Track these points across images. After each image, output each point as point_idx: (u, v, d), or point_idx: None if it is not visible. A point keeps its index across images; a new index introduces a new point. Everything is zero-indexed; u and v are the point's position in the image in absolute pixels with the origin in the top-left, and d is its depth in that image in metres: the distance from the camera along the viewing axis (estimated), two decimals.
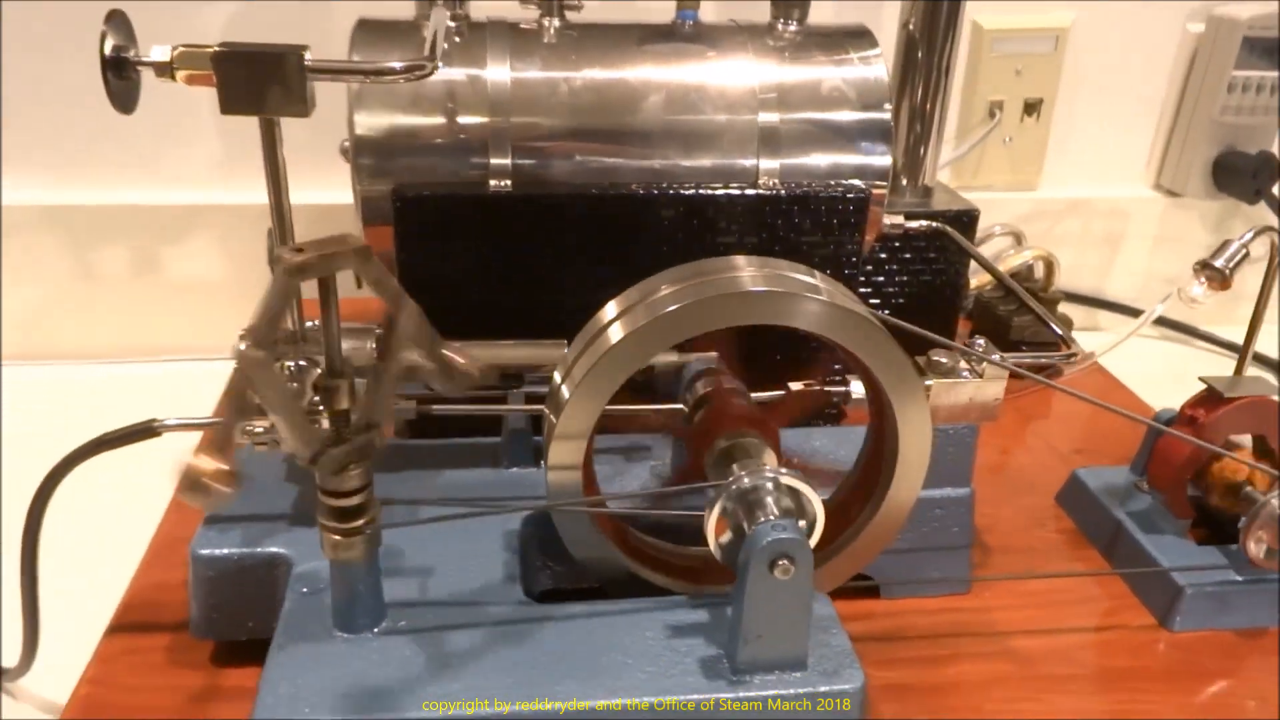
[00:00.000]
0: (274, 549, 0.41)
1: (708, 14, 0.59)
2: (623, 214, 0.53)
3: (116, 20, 0.37)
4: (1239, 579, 0.47)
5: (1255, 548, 0.46)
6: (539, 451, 0.48)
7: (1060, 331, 0.49)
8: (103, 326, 0.77)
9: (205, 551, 0.40)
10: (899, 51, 0.66)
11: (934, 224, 0.61)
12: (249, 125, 0.73)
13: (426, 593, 0.39)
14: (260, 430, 0.40)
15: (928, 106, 0.66)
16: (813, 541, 0.36)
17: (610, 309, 0.39)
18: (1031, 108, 0.84)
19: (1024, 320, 0.70)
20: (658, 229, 0.53)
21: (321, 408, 0.33)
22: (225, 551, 0.40)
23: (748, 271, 0.38)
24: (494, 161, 0.54)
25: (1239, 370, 0.52)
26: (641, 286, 0.39)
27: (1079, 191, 0.87)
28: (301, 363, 0.40)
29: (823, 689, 0.35)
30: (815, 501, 0.36)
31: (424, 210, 0.52)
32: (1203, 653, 0.46)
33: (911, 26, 0.64)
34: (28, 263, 0.74)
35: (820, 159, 0.56)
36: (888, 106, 0.56)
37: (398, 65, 0.38)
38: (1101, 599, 0.49)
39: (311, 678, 0.34)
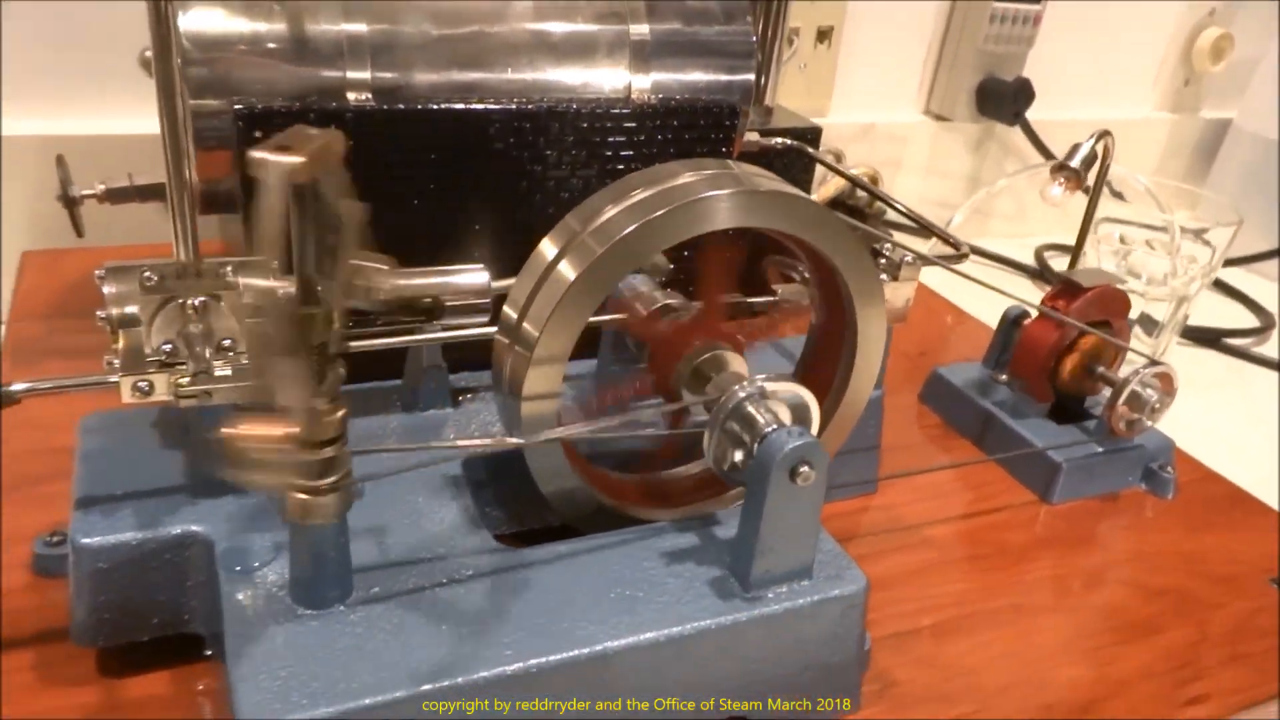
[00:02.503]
0: (183, 527, 0.34)
1: None
2: (497, 130, 0.49)
3: None
4: (1100, 450, 0.52)
5: (1120, 420, 0.51)
6: (456, 393, 0.43)
7: (941, 230, 0.52)
8: None
9: (92, 540, 0.33)
10: None
11: (788, 141, 0.62)
12: None
13: (387, 553, 0.34)
14: (186, 382, 0.32)
15: (768, 32, 0.67)
16: None
17: (572, 224, 0.35)
18: (823, 35, 0.87)
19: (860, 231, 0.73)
20: (531, 146, 0.50)
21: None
22: (121, 537, 0.33)
23: (713, 175, 0.36)
24: (350, 75, 0.48)
25: (1072, 266, 0.57)
26: (607, 194, 0.35)
27: (863, 117, 0.92)
28: (201, 300, 0.33)
29: (833, 593, 0.35)
30: (814, 406, 0.35)
31: (276, 130, 0.45)
32: (1081, 519, 0.51)
33: None
34: None
35: (689, 75, 0.55)
36: (748, 28, 0.56)
37: None
38: (985, 484, 0.53)
39: (294, 667, 0.29)
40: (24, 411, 0.42)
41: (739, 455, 0.34)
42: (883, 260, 0.47)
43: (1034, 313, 0.56)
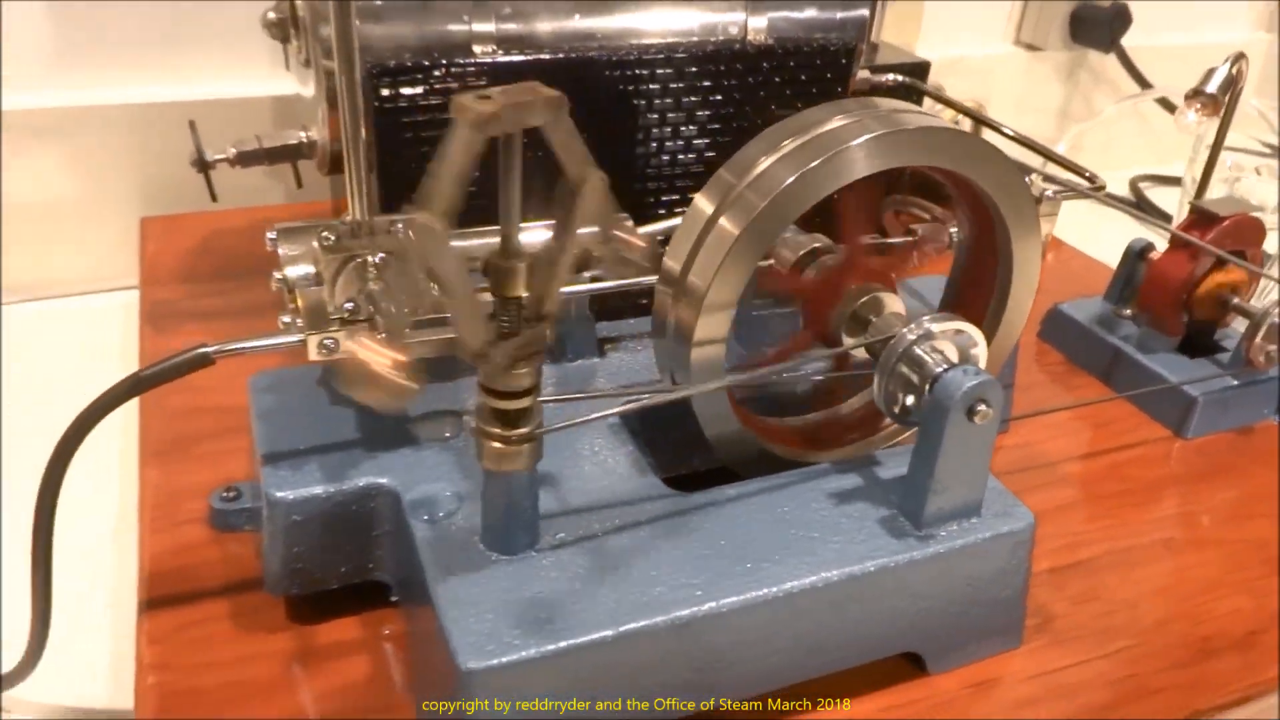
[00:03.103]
0: (368, 479, 0.35)
1: None
2: (619, 76, 0.49)
3: None
4: (1235, 383, 0.52)
5: (1258, 353, 0.50)
6: (601, 342, 0.44)
7: (1071, 161, 0.51)
8: None
9: (286, 494, 0.34)
10: None
11: (899, 78, 0.61)
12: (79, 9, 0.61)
13: (565, 501, 0.35)
14: (330, 342, 0.33)
15: None
16: None
17: (727, 178, 0.35)
18: None
19: None
20: (650, 90, 0.50)
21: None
22: (312, 491, 0.34)
23: (859, 117, 0.35)
24: (476, 27, 0.48)
25: (1199, 196, 0.56)
26: (758, 145, 0.35)
27: (951, 50, 0.90)
28: (380, 256, 0.34)
29: (1004, 530, 0.35)
30: (982, 342, 0.35)
31: (410, 85, 0.46)
32: (1217, 452, 0.50)
33: None
34: None
35: (804, 13, 0.54)
36: None
37: None
38: (1115, 420, 0.53)
39: (498, 609, 0.30)
40: None
41: (910, 398, 0.34)
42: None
43: (1160, 245, 0.55)
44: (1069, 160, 0.51)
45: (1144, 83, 0.94)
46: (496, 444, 0.30)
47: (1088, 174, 0.50)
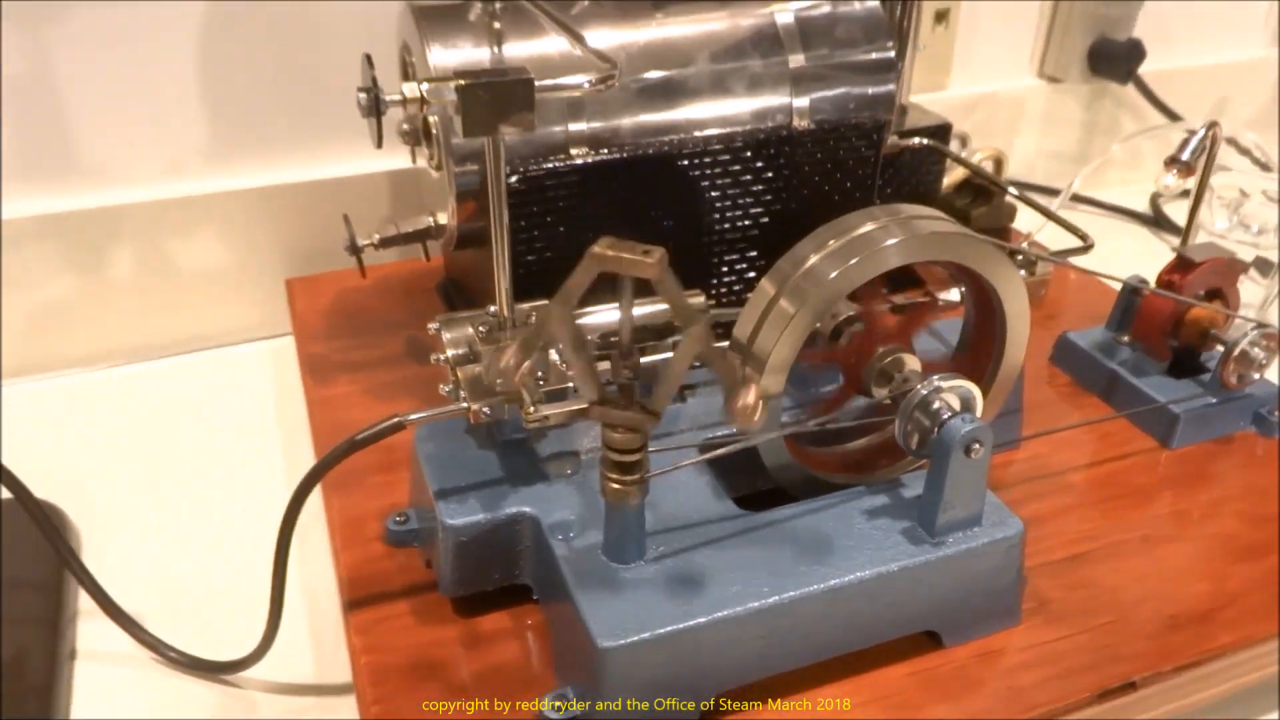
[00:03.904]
0: (515, 508, 0.47)
1: None
2: (692, 164, 0.61)
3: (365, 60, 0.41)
4: (1214, 401, 0.61)
5: (1231, 375, 0.59)
6: (683, 390, 0.55)
7: (1067, 222, 0.60)
8: (112, 330, 0.77)
9: (455, 521, 0.46)
10: None
11: (923, 141, 0.71)
12: (233, 111, 0.75)
13: (663, 521, 0.46)
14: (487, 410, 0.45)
15: (900, 43, 0.75)
16: None
17: (784, 268, 0.46)
18: (941, 16, 0.94)
19: (979, 212, 0.81)
20: (720, 172, 0.61)
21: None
22: (475, 518, 0.46)
23: (886, 223, 0.46)
24: (572, 128, 0.59)
25: (1185, 241, 0.65)
26: (808, 243, 0.46)
27: (982, 87, 0.99)
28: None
29: (999, 536, 0.46)
30: (977, 394, 0.46)
31: (524, 183, 0.58)
32: (1199, 461, 0.60)
33: None
34: (25, 274, 0.73)
35: (840, 91, 0.64)
36: (890, 43, 0.65)
37: (590, 79, 0.43)
38: (1113, 434, 0.62)
39: (621, 604, 0.42)
40: (334, 418, 0.57)
41: (923, 438, 0.45)
42: (1019, 257, 0.57)
43: (1152, 282, 0.64)
44: (1065, 220, 0.61)
45: (1162, 107, 1.02)
46: (615, 485, 0.42)
47: (1080, 233, 0.60)
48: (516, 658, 0.47)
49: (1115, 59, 0.97)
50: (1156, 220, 0.99)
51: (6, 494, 0.49)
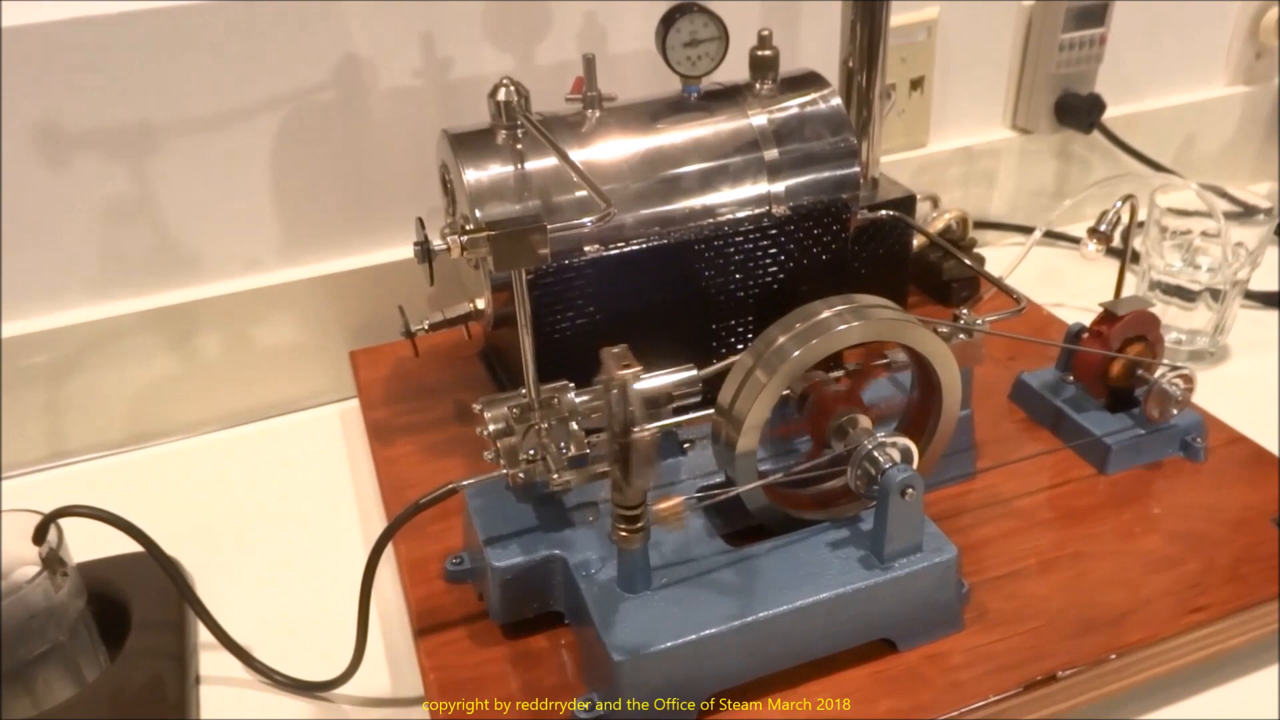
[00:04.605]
0: (549, 551, 0.58)
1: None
2: (689, 253, 0.72)
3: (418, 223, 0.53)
4: (1142, 432, 0.71)
5: (1153, 410, 0.70)
6: (679, 444, 0.67)
7: (1009, 288, 0.71)
8: (205, 401, 0.90)
9: (503, 563, 0.58)
10: (841, 78, 0.86)
11: (889, 212, 0.82)
12: (300, 214, 0.89)
13: (665, 556, 0.58)
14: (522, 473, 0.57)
15: (865, 119, 0.86)
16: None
17: (759, 346, 0.57)
18: (916, 84, 1.05)
19: (950, 265, 0.92)
20: (709, 259, 0.73)
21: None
22: (516, 560, 0.58)
23: (842, 309, 0.57)
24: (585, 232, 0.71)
25: (1117, 294, 0.76)
26: (778, 327, 0.57)
27: (957, 142, 1.10)
28: (549, 424, 0.58)
29: (937, 560, 0.57)
30: (913, 448, 0.57)
31: (543, 278, 0.70)
32: (1129, 485, 0.70)
33: (850, 63, 0.84)
34: (133, 357, 0.86)
35: (811, 178, 0.76)
36: (850, 136, 0.76)
37: (592, 219, 0.55)
38: (1057, 462, 0.73)
39: (634, 624, 0.53)
40: (398, 475, 0.69)
41: (868, 483, 0.56)
42: (961, 321, 0.67)
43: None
44: (1004, 284, 0.71)
45: (1126, 148, 1.12)
46: (623, 533, 0.53)
47: (1016, 295, 0.70)
48: (555, 671, 0.59)
49: (1079, 112, 1.07)
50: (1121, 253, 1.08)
51: (135, 547, 0.62)
